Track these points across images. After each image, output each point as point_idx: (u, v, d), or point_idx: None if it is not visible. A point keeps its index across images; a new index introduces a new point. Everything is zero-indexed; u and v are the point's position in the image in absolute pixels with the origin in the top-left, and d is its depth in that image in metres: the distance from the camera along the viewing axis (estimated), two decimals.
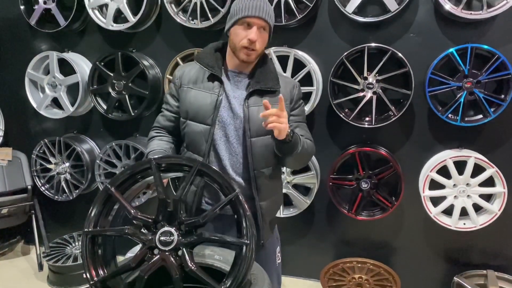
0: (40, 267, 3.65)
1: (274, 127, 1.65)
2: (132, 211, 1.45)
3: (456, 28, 2.77)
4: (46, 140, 3.56)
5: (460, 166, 2.77)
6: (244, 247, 1.41)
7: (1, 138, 3.84)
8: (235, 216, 1.48)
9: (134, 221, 1.46)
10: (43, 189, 3.67)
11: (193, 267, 1.39)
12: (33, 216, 3.77)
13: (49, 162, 3.62)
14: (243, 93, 1.88)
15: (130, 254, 3.08)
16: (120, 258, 1.64)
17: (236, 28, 1.80)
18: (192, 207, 1.92)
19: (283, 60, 2.96)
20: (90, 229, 1.46)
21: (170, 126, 2.00)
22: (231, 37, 1.84)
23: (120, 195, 1.47)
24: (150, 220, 1.45)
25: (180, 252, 1.42)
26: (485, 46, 2.61)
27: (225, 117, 1.86)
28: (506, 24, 2.70)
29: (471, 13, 2.61)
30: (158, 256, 1.40)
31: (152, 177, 1.52)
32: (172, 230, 1.42)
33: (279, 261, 2.16)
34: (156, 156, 1.54)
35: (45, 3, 3.36)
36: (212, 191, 1.93)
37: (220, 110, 1.85)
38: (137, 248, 3.04)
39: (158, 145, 1.91)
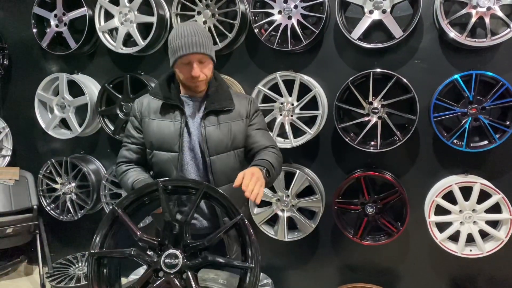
0: (43, 287, 3.62)
1: (258, 195, 1.61)
2: (138, 233, 1.46)
3: (461, 55, 2.81)
4: (53, 160, 3.59)
5: (466, 192, 2.76)
6: (249, 271, 1.41)
7: (9, 157, 3.88)
8: (240, 239, 1.48)
9: (140, 243, 1.46)
10: (49, 209, 3.68)
11: None
12: (37, 236, 3.76)
13: (55, 182, 3.64)
14: (200, 115, 1.94)
15: (134, 276, 3.06)
16: (123, 280, 1.64)
17: (178, 66, 1.87)
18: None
19: (289, 84, 3.00)
20: (96, 251, 1.46)
21: (137, 158, 2.02)
22: (176, 73, 1.91)
23: (127, 217, 1.48)
24: (155, 242, 1.46)
25: (185, 275, 1.42)
26: (490, 73, 2.64)
27: (188, 142, 1.93)
28: (510, 52, 2.74)
29: (475, 41, 2.64)
30: (163, 278, 1.40)
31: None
32: (177, 252, 1.42)
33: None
34: (163, 179, 1.56)
35: (57, 26, 3.45)
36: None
37: (184, 136, 1.91)
38: (140, 270, 3.03)
39: (139, 173, 1.93)
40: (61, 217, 3.64)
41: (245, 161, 2.06)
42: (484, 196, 2.74)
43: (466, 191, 2.76)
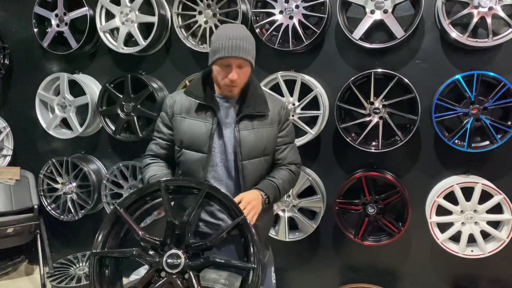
0: (43, 287, 3.62)
1: (252, 217, 1.72)
2: (140, 233, 1.46)
3: (462, 55, 2.80)
4: (53, 160, 3.59)
5: (467, 192, 2.75)
6: (251, 271, 1.40)
7: (10, 157, 3.87)
8: (242, 239, 1.48)
9: (142, 243, 1.46)
10: (49, 209, 3.68)
11: None
12: (38, 235, 3.76)
13: (56, 182, 3.64)
14: (233, 117, 1.92)
15: (134, 276, 3.06)
16: (124, 280, 1.63)
17: (217, 67, 1.84)
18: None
19: (290, 84, 3.00)
20: (98, 250, 1.46)
21: (164, 154, 2.01)
22: (213, 73, 1.88)
23: (129, 217, 1.48)
24: (157, 242, 1.46)
25: (187, 275, 1.42)
26: (491, 73, 2.64)
27: (220, 144, 1.90)
28: None
29: (477, 41, 2.64)
30: (165, 278, 1.40)
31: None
32: (180, 252, 1.42)
33: (274, 281, 2.17)
34: (165, 178, 1.55)
35: (58, 26, 3.44)
36: (210, 213, 1.94)
37: (214, 138, 1.88)
38: (141, 270, 3.03)
39: (158, 170, 1.92)
40: (61, 217, 3.63)
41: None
42: (485, 196, 2.74)
43: (468, 192, 2.75)
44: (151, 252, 1.46)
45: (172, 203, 1.71)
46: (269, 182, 1.90)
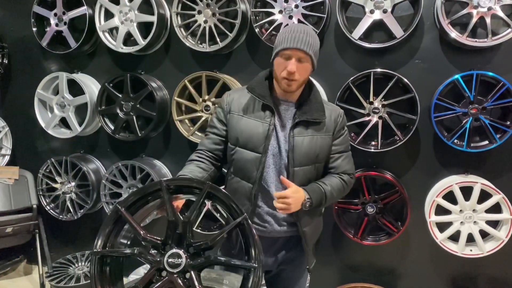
0: (42, 287, 3.61)
1: (281, 209, 1.75)
2: (142, 232, 1.46)
3: (461, 55, 2.81)
4: (52, 160, 3.58)
5: (466, 192, 2.76)
6: (252, 271, 1.40)
7: (9, 156, 3.87)
8: (243, 239, 1.48)
9: (143, 242, 1.46)
10: (48, 208, 3.67)
11: None
12: (37, 235, 3.75)
13: (55, 182, 3.63)
14: (289, 122, 1.91)
15: (134, 275, 3.05)
16: (123, 280, 1.63)
17: (278, 60, 1.84)
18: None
19: None
20: (99, 250, 1.46)
21: (216, 149, 2.01)
22: (274, 68, 1.88)
23: (130, 216, 1.48)
24: (158, 242, 1.46)
25: (188, 275, 1.42)
26: (490, 73, 2.64)
27: (275, 146, 1.90)
28: (511, 52, 2.74)
29: (476, 41, 2.65)
30: (166, 278, 1.40)
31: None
32: (181, 252, 1.42)
33: (308, 284, 2.18)
34: (166, 178, 1.55)
35: (57, 25, 3.44)
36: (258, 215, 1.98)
37: (270, 139, 1.88)
38: (140, 270, 3.02)
39: (191, 171, 1.90)
40: (60, 216, 3.63)
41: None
42: (484, 196, 2.74)
43: (467, 191, 2.76)
44: (152, 252, 1.46)
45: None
46: (318, 186, 1.89)
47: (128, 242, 1.59)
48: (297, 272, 2.09)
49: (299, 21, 2.91)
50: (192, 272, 1.41)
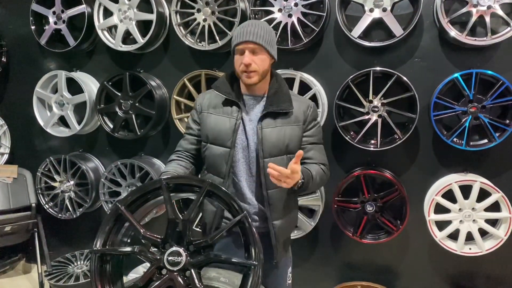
0: (41, 286, 3.60)
1: (279, 184, 1.72)
2: (142, 230, 1.45)
3: (461, 54, 2.81)
4: (51, 158, 3.57)
5: (466, 190, 2.76)
6: (252, 269, 1.40)
7: (7, 155, 3.86)
8: (243, 237, 1.48)
9: (143, 241, 1.46)
10: (47, 207, 3.66)
11: None
12: (36, 234, 3.75)
13: (54, 180, 3.62)
14: (257, 115, 1.94)
15: (133, 274, 3.06)
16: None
17: (235, 58, 1.92)
18: (212, 228, 1.96)
19: (289, 82, 2.98)
20: (99, 248, 1.45)
21: (192, 149, 2.07)
22: (234, 66, 1.94)
23: (130, 214, 1.47)
24: (158, 240, 1.46)
25: (188, 273, 1.41)
26: (490, 72, 2.64)
27: (243, 140, 1.94)
28: (510, 50, 2.74)
29: (475, 40, 2.65)
30: (166, 276, 1.40)
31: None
32: (181, 250, 1.42)
33: (290, 281, 2.17)
34: (166, 176, 1.55)
35: (55, 23, 3.43)
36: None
37: (238, 133, 1.92)
38: (139, 268, 3.02)
39: (174, 168, 1.96)
40: (59, 215, 3.62)
41: None
42: (483, 194, 2.74)
43: (466, 190, 2.76)
44: (152, 250, 1.45)
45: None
46: (305, 169, 1.89)
47: (128, 240, 1.59)
48: (266, 266, 2.05)
49: (299, 19, 2.90)
50: (192, 270, 1.41)
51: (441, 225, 2.84)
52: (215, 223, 1.95)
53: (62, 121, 3.62)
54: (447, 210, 2.82)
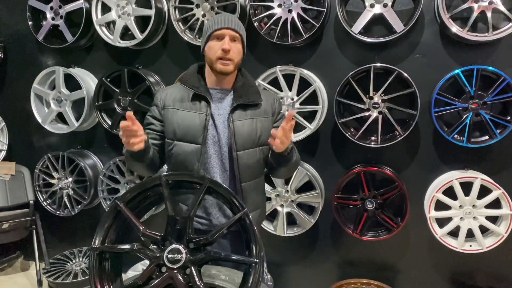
0: (40, 283, 3.59)
1: (283, 143, 1.73)
2: (141, 228, 1.44)
3: (462, 50, 2.79)
4: (49, 155, 3.55)
5: (466, 187, 2.75)
6: (253, 266, 1.39)
7: (5, 152, 3.83)
8: (244, 234, 1.46)
9: (142, 238, 1.44)
10: (45, 204, 3.64)
11: (201, 286, 1.37)
12: (34, 231, 3.73)
13: (52, 177, 3.60)
14: (227, 109, 1.93)
15: (132, 271, 3.04)
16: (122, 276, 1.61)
17: (210, 44, 1.89)
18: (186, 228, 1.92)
19: (288, 78, 2.98)
20: (98, 245, 1.44)
21: (154, 144, 1.98)
22: (206, 54, 1.92)
23: (129, 212, 1.45)
24: (158, 237, 1.44)
25: (188, 271, 1.40)
26: (491, 68, 2.63)
27: (213, 135, 1.91)
28: None
29: (476, 35, 2.63)
30: (166, 274, 1.38)
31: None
32: (181, 247, 1.40)
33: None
34: (165, 173, 1.53)
35: (53, 19, 3.40)
36: (202, 207, 1.93)
37: (208, 129, 1.89)
38: (138, 266, 3.00)
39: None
40: (58, 212, 3.60)
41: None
42: (484, 191, 2.73)
43: (467, 187, 2.75)
44: (151, 247, 1.44)
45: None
46: None
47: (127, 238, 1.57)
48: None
49: (299, 15, 2.88)
50: (192, 268, 1.39)
51: (442, 222, 2.83)
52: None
53: (60, 117, 3.59)
54: (447, 207, 2.81)
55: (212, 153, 1.92)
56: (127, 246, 1.44)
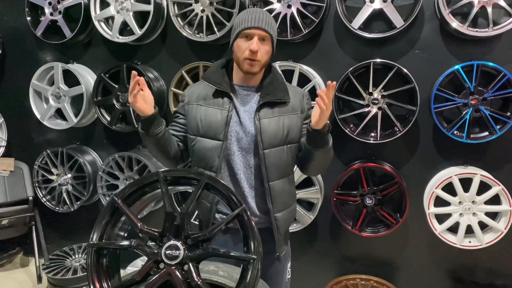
0: (39, 279, 3.60)
1: (323, 114, 1.69)
2: (139, 224, 1.43)
3: (462, 45, 2.78)
4: (48, 151, 3.55)
5: (466, 183, 2.75)
6: (251, 263, 1.38)
7: (4, 148, 3.83)
8: (242, 231, 1.45)
9: (140, 234, 1.43)
10: (44, 200, 3.64)
11: (199, 282, 1.36)
12: (33, 227, 3.73)
13: (51, 173, 3.60)
14: (253, 106, 1.89)
15: (131, 268, 3.04)
16: (121, 272, 1.61)
17: (238, 42, 1.83)
18: (209, 224, 1.91)
19: (288, 74, 2.96)
20: (95, 242, 1.43)
21: (177, 136, 1.99)
22: (234, 51, 1.87)
23: (126, 208, 1.45)
24: (156, 234, 1.43)
25: (186, 267, 1.39)
26: (491, 64, 2.62)
27: (237, 132, 1.88)
28: None
29: (477, 31, 2.62)
30: (164, 270, 1.38)
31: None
32: (179, 244, 1.39)
33: (289, 276, 2.15)
34: (163, 169, 1.52)
35: (51, 14, 3.38)
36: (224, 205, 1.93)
37: (231, 125, 1.86)
38: (137, 262, 3.00)
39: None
40: (57, 208, 3.60)
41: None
42: (484, 187, 2.73)
43: (466, 183, 2.75)
44: (149, 244, 1.43)
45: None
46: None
47: (125, 234, 1.56)
48: (267, 260, 1.98)
49: (298, 10, 2.87)
50: (190, 264, 1.38)
51: (441, 218, 2.83)
52: (211, 219, 1.91)
53: (59, 113, 3.59)
54: (447, 203, 2.80)
55: (236, 150, 1.88)
56: (125, 242, 1.43)
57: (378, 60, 2.80)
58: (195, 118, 1.90)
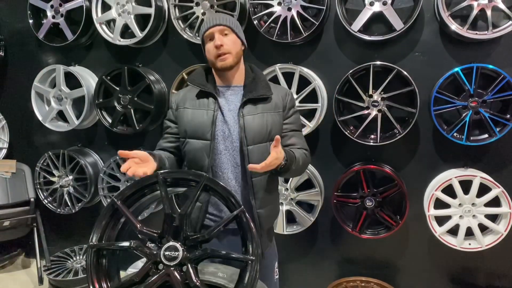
0: (40, 280, 3.61)
1: (272, 166, 1.73)
2: (138, 225, 1.44)
3: (462, 48, 2.79)
4: (50, 153, 3.56)
5: (466, 185, 2.75)
6: (249, 264, 1.39)
7: (6, 150, 3.85)
8: (240, 232, 1.46)
9: (140, 235, 1.45)
10: (46, 202, 3.66)
11: (197, 283, 1.37)
12: (35, 229, 3.74)
13: (53, 175, 3.61)
14: (237, 105, 1.93)
15: (132, 269, 3.05)
16: (121, 274, 1.62)
17: (206, 47, 1.93)
18: (197, 223, 1.93)
19: (288, 76, 2.98)
20: (95, 243, 1.44)
21: (171, 147, 2.03)
22: (207, 57, 1.95)
23: (126, 209, 1.46)
24: (155, 235, 1.44)
25: (184, 268, 1.40)
26: (491, 66, 2.62)
27: (223, 130, 1.91)
28: (511, 45, 2.72)
29: (476, 33, 2.63)
30: (163, 271, 1.39)
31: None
32: (177, 245, 1.41)
33: (277, 276, 2.17)
34: (162, 171, 1.54)
35: (53, 17, 3.40)
36: (215, 205, 1.96)
37: (217, 125, 1.90)
38: (138, 263, 3.02)
39: (159, 152, 1.96)
40: (58, 210, 3.62)
41: None
42: (483, 189, 2.73)
43: (466, 185, 2.75)
44: (149, 245, 1.44)
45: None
46: (289, 151, 1.89)
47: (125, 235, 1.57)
48: None
49: (298, 13, 2.88)
50: (189, 265, 1.40)
51: (441, 220, 2.83)
52: (200, 219, 1.93)
53: (61, 115, 3.60)
54: (447, 205, 2.80)
55: (223, 149, 1.92)
56: (124, 244, 1.44)
57: (378, 62, 2.81)
58: (183, 121, 1.95)
